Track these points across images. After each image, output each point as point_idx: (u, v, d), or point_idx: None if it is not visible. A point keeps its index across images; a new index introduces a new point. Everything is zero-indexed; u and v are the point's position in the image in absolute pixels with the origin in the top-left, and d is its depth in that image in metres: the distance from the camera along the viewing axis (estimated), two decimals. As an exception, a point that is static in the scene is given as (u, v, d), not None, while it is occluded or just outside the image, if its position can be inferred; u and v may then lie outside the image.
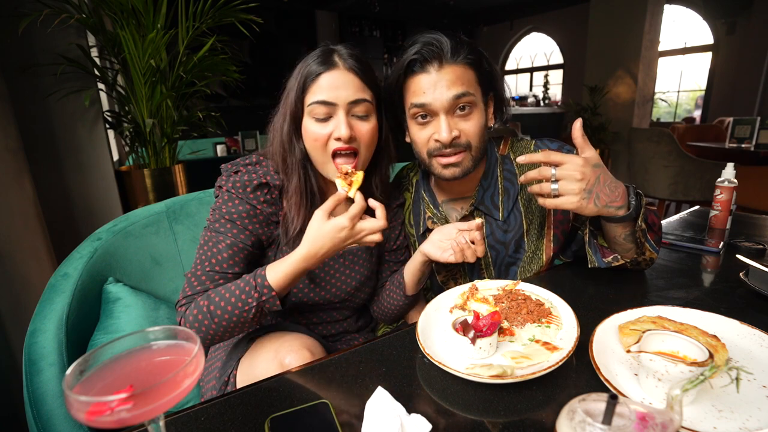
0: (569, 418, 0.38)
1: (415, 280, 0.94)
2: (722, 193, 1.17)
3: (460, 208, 1.01)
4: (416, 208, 1.05)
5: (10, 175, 1.44)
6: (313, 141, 0.82)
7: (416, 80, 0.86)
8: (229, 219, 0.82)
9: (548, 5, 7.97)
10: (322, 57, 0.81)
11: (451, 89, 0.84)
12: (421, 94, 0.85)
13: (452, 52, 0.84)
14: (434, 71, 0.84)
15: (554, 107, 7.87)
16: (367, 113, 0.83)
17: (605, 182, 0.77)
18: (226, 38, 2.24)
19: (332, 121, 0.81)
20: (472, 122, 0.88)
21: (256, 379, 0.74)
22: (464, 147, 0.88)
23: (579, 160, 0.75)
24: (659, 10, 4.27)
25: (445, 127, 0.85)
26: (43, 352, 0.82)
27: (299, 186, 0.85)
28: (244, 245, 0.82)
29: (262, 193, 0.84)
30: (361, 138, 0.82)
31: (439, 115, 0.86)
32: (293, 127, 0.84)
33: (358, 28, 7.91)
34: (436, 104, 0.85)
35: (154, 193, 2.11)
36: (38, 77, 1.77)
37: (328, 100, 0.79)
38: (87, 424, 0.36)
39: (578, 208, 0.75)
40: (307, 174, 0.86)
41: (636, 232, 0.83)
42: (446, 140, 0.85)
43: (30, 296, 1.41)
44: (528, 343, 0.67)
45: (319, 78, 0.80)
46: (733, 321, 0.68)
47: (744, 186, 1.51)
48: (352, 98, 0.80)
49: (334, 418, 0.53)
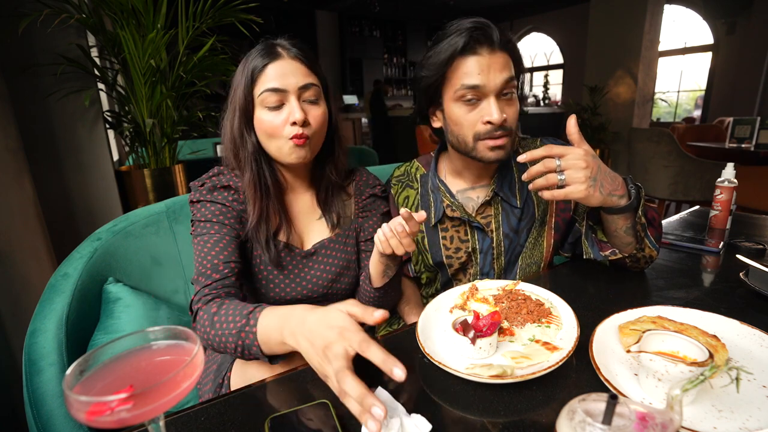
0: (569, 418, 0.38)
1: (378, 272, 0.88)
2: (722, 193, 1.17)
3: (476, 196, 1.03)
4: (424, 202, 1.05)
5: (10, 175, 1.44)
6: (268, 130, 0.83)
7: (468, 62, 0.87)
8: (206, 221, 0.85)
9: (548, 5, 7.98)
10: (265, 50, 0.84)
11: (503, 72, 0.87)
12: (475, 75, 0.86)
13: (500, 38, 0.87)
14: (487, 54, 0.86)
15: (554, 107, 7.86)
16: (316, 98, 0.85)
17: (605, 172, 0.79)
18: (226, 38, 2.24)
19: (285, 108, 0.82)
20: (514, 108, 0.91)
21: (250, 380, 0.74)
22: (509, 131, 0.90)
23: (580, 150, 0.76)
24: (659, 10, 4.26)
25: (496, 109, 0.87)
26: (43, 352, 0.82)
27: (252, 178, 0.86)
28: (230, 237, 0.84)
29: (229, 194, 0.87)
30: (313, 122, 0.84)
31: (488, 97, 0.88)
32: (244, 120, 0.85)
33: (358, 28, 7.91)
34: (490, 86, 0.87)
35: (154, 193, 2.11)
36: (38, 77, 1.77)
37: (279, 87, 0.81)
38: (87, 424, 0.36)
39: (586, 196, 0.76)
40: (260, 167, 0.88)
41: (636, 224, 0.83)
42: (498, 121, 0.87)
43: (30, 296, 1.41)
44: (528, 343, 0.67)
45: (266, 68, 0.82)
46: (733, 321, 0.68)
47: (744, 186, 1.51)
48: (301, 83, 0.82)
49: (334, 418, 0.53)
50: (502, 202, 1.01)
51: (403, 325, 1.03)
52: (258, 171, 0.87)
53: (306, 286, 0.92)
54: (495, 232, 1.00)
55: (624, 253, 0.88)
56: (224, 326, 0.70)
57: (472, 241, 1.02)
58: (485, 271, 1.02)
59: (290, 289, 0.91)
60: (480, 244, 1.01)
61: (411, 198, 1.07)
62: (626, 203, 0.80)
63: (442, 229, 1.03)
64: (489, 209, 1.01)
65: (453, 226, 1.03)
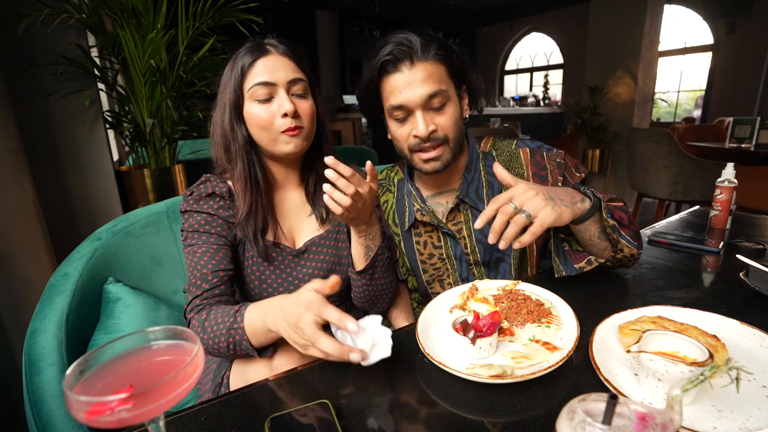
0: (569, 418, 0.38)
1: (359, 253, 0.88)
2: (722, 193, 1.17)
3: (445, 201, 1.03)
4: (400, 206, 1.06)
5: (10, 175, 1.44)
6: (259, 122, 0.84)
7: (390, 80, 0.89)
8: (194, 231, 0.87)
9: (548, 5, 7.97)
10: (253, 48, 0.86)
11: (424, 86, 0.87)
12: (397, 94, 0.89)
13: (422, 50, 0.87)
14: (407, 70, 0.88)
15: (554, 107, 7.86)
16: (305, 92, 0.87)
17: (554, 189, 0.77)
18: (226, 38, 2.23)
19: (275, 101, 0.84)
20: (447, 116, 0.91)
21: (249, 379, 0.74)
22: (442, 140, 0.92)
23: (521, 183, 0.74)
24: (659, 10, 4.26)
25: (421, 122, 0.89)
26: (43, 352, 0.82)
27: (243, 171, 0.88)
28: (218, 245, 0.86)
29: (214, 201, 0.89)
30: (303, 114, 0.86)
31: (415, 112, 0.89)
32: (234, 114, 0.87)
33: (358, 28, 7.90)
34: (412, 103, 0.88)
35: (154, 193, 2.11)
36: (38, 77, 1.77)
37: (269, 80, 0.83)
38: (87, 424, 0.36)
39: (558, 215, 0.73)
40: (251, 159, 0.89)
41: (605, 228, 0.82)
42: (424, 135, 0.89)
43: (30, 296, 1.41)
44: (528, 343, 0.67)
45: (256, 63, 0.84)
46: (733, 321, 0.68)
47: (744, 186, 1.51)
48: (290, 77, 0.84)
49: (334, 418, 0.53)
50: (470, 208, 1.00)
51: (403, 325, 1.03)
52: (249, 164, 0.88)
53: (299, 285, 0.92)
54: (468, 238, 1.00)
55: (602, 258, 0.86)
56: (215, 328, 0.74)
57: (445, 248, 1.02)
58: (464, 277, 1.02)
59: (283, 289, 0.91)
60: (453, 251, 1.01)
61: (389, 202, 1.09)
62: (590, 204, 0.79)
63: (415, 234, 1.04)
64: (459, 215, 1.01)
65: (426, 232, 1.04)
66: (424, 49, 0.87)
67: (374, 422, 0.54)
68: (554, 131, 7.31)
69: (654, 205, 3.88)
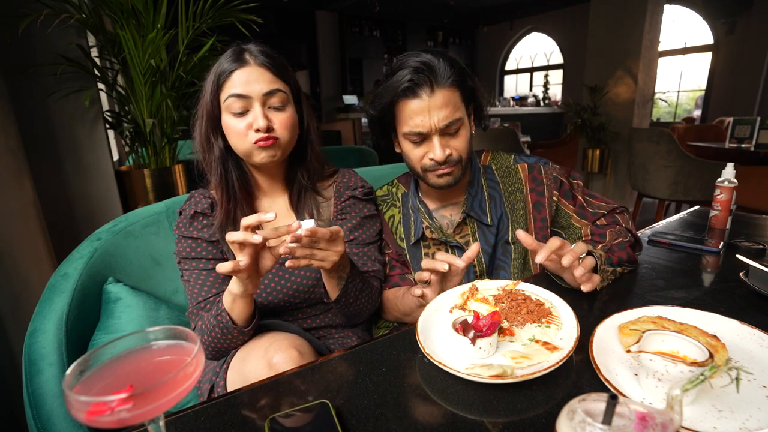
0: (569, 418, 0.38)
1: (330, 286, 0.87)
2: (722, 193, 1.17)
3: (450, 214, 1.05)
4: (406, 221, 1.08)
5: (10, 175, 1.44)
6: (233, 135, 0.86)
7: (409, 105, 0.89)
8: (184, 258, 0.91)
9: (548, 5, 7.97)
10: (233, 56, 0.86)
11: (443, 114, 0.88)
12: (417, 120, 0.89)
13: (441, 75, 0.88)
14: (426, 96, 0.88)
15: (554, 107, 7.87)
16: (282, 104, 0.87)
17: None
18: (226, 38, 2.23)
19: (250, 114, 0.85)
20: (461, 139, 0.93)
21: (247, 378, 0.75)
22: (456, 162, 0.94)
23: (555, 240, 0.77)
24: (659, 10, 4.26)
25: (438, 148, 0.91)
26: (43, 352, 0.82)
27: (219, 182, 0.90)
28: (207, 270, 0.89)
29: (198, 222, 0.91)
30: (278, 127, 0.86)
31: (432, 137, 0.91)
32: (210, 125, 0.88)
33: (358, 28, 7.91)
34: (432, 128, 0.90)
35: (154, 193, 2.11)
36: (38, 77, 1.77)
37: (243, 93, 0.83)
38: (87, 424, 0.36)
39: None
40: (228, 169, 0.91)
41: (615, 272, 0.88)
42: (441, 159, 0.91)
43: (30, 296, 1.41)
44: (528, 343, 0.67)
45: (232, 75, 0.84)
46: (733, 321, 0.68)
47: (744, 186, 1.51)
48: (266, 90, 0.84)
49: (334, 418, 0.53)
50: (476, 221, 1.03)
51: (403, 325, 1.03)
52: (225, 174, 0.90)
53: (287, 293, 0.93)
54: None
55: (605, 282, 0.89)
56: (207, 326, 0.82)
57: None
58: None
59: (272, 298, 0.92)
60: None
61: (395, 218, 1.09)
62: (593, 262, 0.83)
63: (424, 246, 1.06)
64: (465, 228, 1.04)
65: (434, 244, 1.05)
66: (443, 74, 0.88)
67: (374, 422, 0.54)
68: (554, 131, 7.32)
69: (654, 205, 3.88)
